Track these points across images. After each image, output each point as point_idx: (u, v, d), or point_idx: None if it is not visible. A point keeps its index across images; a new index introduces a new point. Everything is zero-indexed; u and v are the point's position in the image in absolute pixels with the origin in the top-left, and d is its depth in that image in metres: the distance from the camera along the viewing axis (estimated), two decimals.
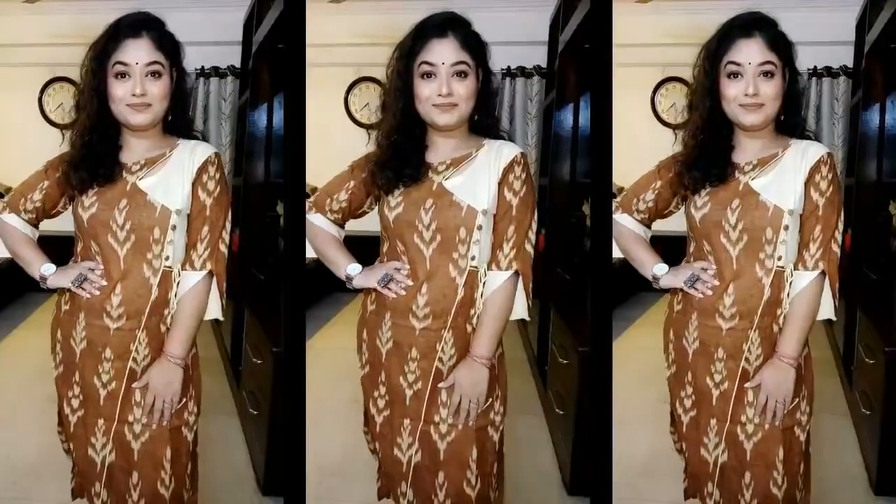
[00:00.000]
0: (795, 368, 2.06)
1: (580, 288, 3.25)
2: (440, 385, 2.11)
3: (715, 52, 2.07)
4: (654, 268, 2.17)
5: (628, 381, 3.42)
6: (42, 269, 2.13)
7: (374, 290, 2.13)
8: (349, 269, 2.15)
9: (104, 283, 2.07)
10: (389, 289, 2.09)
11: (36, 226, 2.23)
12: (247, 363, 3.57)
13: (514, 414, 2.83)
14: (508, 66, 4.71)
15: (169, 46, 2.10)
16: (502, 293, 2.10)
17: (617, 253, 2.42)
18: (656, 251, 2.29)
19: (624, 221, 2.26)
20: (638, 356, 3.77)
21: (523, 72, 4.70)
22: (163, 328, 2.12)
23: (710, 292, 2.07)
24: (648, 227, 2.27)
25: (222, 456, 3.28)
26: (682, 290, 2.14)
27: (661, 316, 2.39)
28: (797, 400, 2.08)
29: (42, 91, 5.41)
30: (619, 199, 2.27)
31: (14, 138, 5.34)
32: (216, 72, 4.89)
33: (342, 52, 4.92)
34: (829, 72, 4.73)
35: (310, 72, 2.87)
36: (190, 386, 2.16)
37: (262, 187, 4.02)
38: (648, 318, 4.26)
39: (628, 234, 2.26)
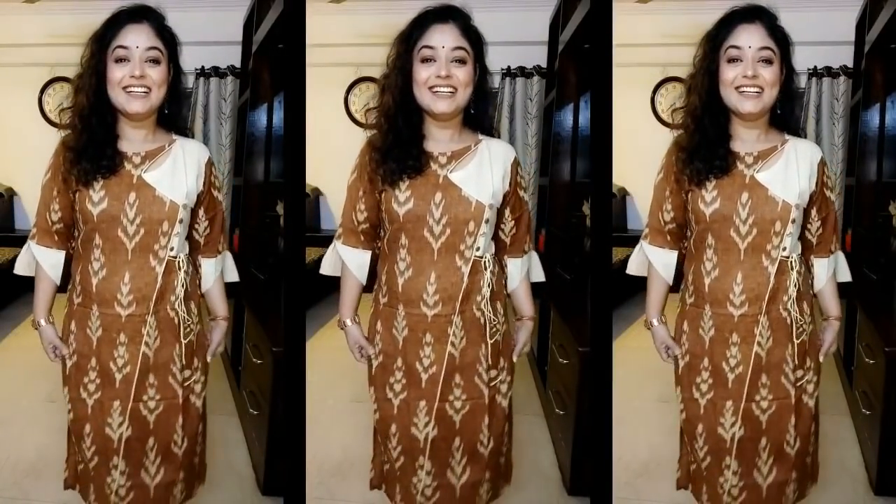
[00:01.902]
0: (808, 340, 2.27)
1: (580, 288, 3.25)
2: (514, 357, 2.37)
3: (716, 37, 2.15)
4: (653, 319, 2.35)
5: (628, 381, 3.42)
6: (41, 318, 2.28)
7: (385, 283, 2.28)
8: (346, 318, 2.36)
9: (68, 357, 2.26)
10: (357, 355, 2.36)
11: (68, 238, 2.28)
12: (247, 363, 3.57)
13: (514, 414, 2.84)
14: (508, 66, 4.70)
15: (168, 37, 2.17)
16: (529, 270, 2.42)
17: (617, 254, 2.46)
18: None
19: (653, 258, 2.34)
20: (638, 356, 3.77)
21: (523, 72, 4.69)
22: (171, 313, 2.23)
23: (670, 358, 2.35)
24: (678, 243, 2.33)
25: (222, 456, 3.28)
26: (694, 282, 2.27)
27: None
28: (803, 372, 2.25)
29: (42, 91, 5.40)
30: (646, 227, 2.36)
31: (14, 138, 5.33)
32: (216, 72, 4.88)
33: (342, 52, 4.91)
34: (829, 72, 4.72)
35: (310, 72, 2.88)
36: (195, 359, 2.31)
37: (262, 187, 4.02)
38: None
39: (654, 275, 2.35)
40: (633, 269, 2.43)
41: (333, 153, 5.04)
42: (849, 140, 4.42)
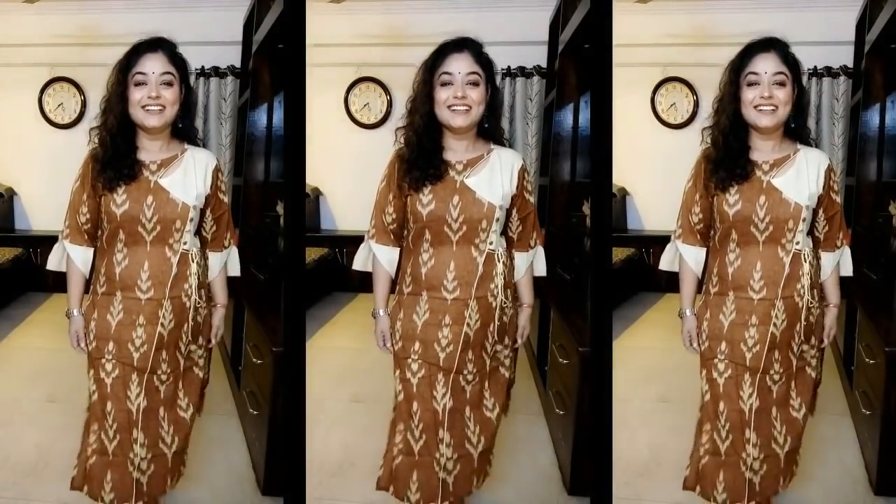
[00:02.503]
0: (817, 317, 2.63)
1: (580, 288, 3.25)
2: (518, 342, 2.70)
3: (739, 65, 2.51)
4: (687, 310, 2.65)
5: (628, 381, 3.42)
6: (74, 310, 2.60)
7: (410, 274, 2.58)
8: (380, 309, 2.63)
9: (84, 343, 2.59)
10: (379, 341, 2.64)
11: (95, 238, 2.60)
12: (247, 363, 3.57)
13: (514, 414, 2.84)
14: (508, 66, 4.69)
15: (179, 63, 2.54)
16: (533, 263, 2.72)
17: (617, 254, 2.52)
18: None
19: (685, 255, 2.66)
20: (638, 356, 3.77)
21: (523, 72, 4.69)
22: (184, 299, 2.58)
23: (692, 347, 2.64)
24: (706, 241, 2.65)
25: (222, 456, 3.29)
26: (719, 273, 2.59)
27: (661, 316, 2.55)
28: (809, 348, 2.62)
29: (42, 91, 5.39)
30: (677, 227, 2.68)
31: (14, 138, 5.33)
32: (216, 72, 4.87)
33: (342, 52, 4.92)
34: (829, 72, 4.72)
35: (310, 72, 2.89)
36: (200, 337, 2.66)
37: (262, 187, 4.02)
38: (648, 318, 4.26)
39: (686, 270, 2.67)
40: (665, 264, 2.72)
41: (333, 153, 5.07)
42: (849, 140, 4.42)
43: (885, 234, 3.80)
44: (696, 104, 5.04)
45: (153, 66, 2.48)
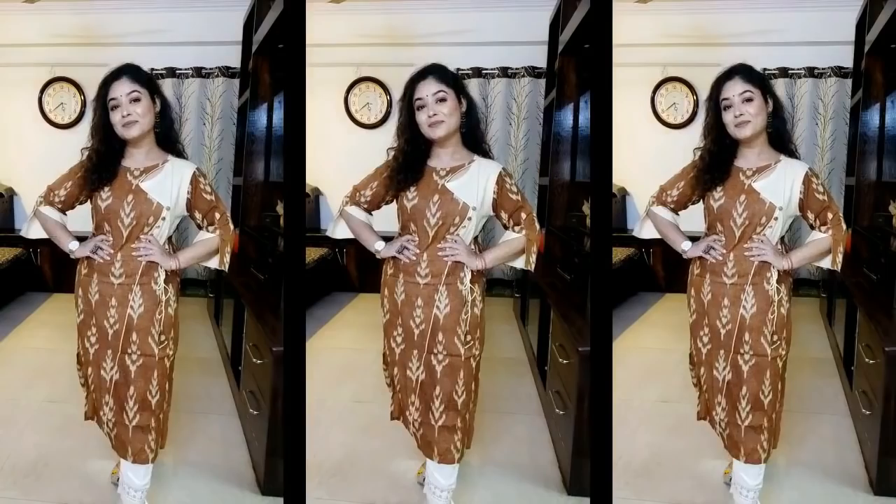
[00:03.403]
0: (776, 300, 2.83)
1: (580, 288, 3.25)
2: (448, 251, 2.85)
3: (714, 95, 2.86)
4: (683, 244, 2.93)
5: (628, 381, 3.42)
6: (70, 245, 2.89)
7: (392, 258, 2.86)
8: (377, 245, 2.89)
9: (111, 250, 2.85)
10: (403, 255, 2.86)
11: (64, 213, 2.92)
12: (247, 363, 3.57)
13: (514, 414, 2.84)
14: (508, 67, 4.70)
15: (143, 80, 2.85)
16: (511, 242, 2.91)
17: (617, 254, 2.49)
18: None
19: (659, 212, 2.97)
20: (638, 356, 3.77)
21: (522, 72, 4.70)
22: (154, 286, 2.83)
23: (720, 257, 2.87)
24: (677, 214, 2.97)
25: (222, 456, 3.29)
26: (700, 258, 2.88)
27: (661, 316, 2.52)
28: (778, 339, 2.85)
29: (42, 91, 5.40)
30: (653, 194, 2.98)
31: (14, 138, 5.34)
32: (216, 72, 4.88)
33: (342, 52, 4.92)
34: (832, 72, 4.73)
35: (310, 72, 2.90)
36: (172, 330, 2.88)
37: (262, 187, 4.02)
38: (648, 318, 4.26)
39: (663, 222, 2.97)
40: (646, 233, 2.98)
41: (333, 153, 5.07)
42: (849, 140, 4.42)
43: (885, 234, 3.81)
44: (696, 104, 5.04)
45: (121, 89, 2.81)
